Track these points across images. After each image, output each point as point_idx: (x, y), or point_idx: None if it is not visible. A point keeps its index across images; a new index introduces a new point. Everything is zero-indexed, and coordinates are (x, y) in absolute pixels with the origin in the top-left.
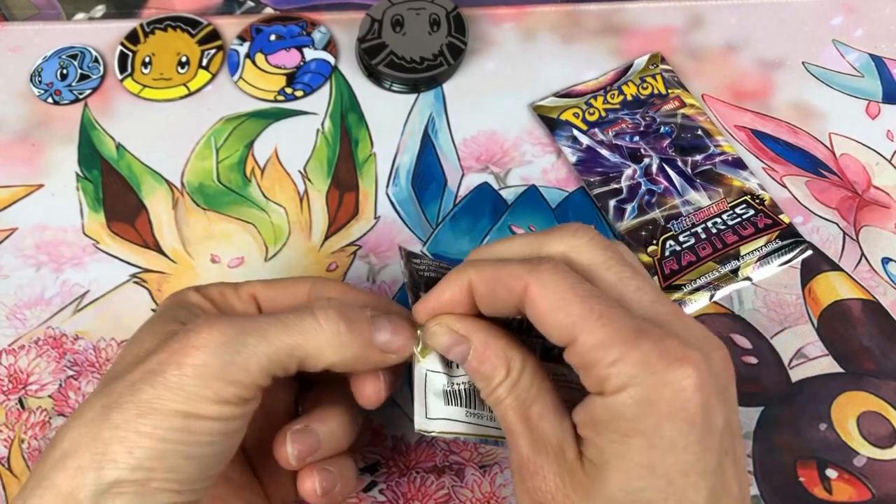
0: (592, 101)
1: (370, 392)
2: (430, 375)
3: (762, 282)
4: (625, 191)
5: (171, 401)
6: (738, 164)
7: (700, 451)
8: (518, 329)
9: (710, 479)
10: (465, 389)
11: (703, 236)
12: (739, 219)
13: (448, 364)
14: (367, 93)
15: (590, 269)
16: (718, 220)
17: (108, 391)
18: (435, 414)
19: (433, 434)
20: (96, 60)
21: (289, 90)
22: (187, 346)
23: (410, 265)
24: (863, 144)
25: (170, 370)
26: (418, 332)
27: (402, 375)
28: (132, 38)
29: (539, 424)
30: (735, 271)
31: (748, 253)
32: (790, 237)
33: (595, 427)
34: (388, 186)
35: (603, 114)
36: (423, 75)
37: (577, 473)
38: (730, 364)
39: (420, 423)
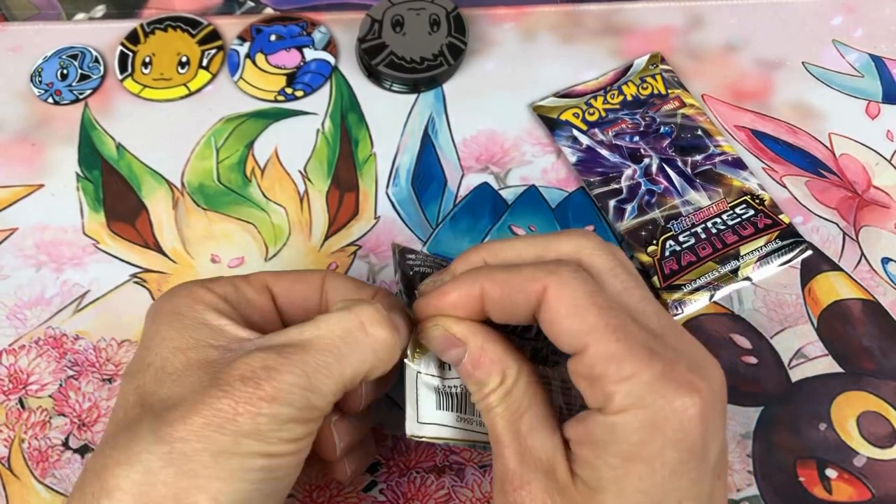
0: (592, 101)
1: (352, 403)
2: (421, 377)
3: (762, 282)
4: (625, 191)
5: (248, 445)
6: (738, 164)
7: (696, 477)
8: (512, 331)
9: None
10: (457, 393)
11: (703, 236)
12: (739, 219)
13: (441, 366)
14: (367, 93)
15: (598, 273)
16: (718, 220)
17: (163, 437)
18: (426, 419)
19: (424, 439)
20: (96, 60)
21: (289, 90)
22: (254, 396)
23: (405, 263)
24: (863, 144)
25: (242, 419)
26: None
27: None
28: (132, 38)
29: (528, 436)
30: (735, 271)
31: (748, 253)
32: (790, 237)
33: (593, 447)
34: (388, 186)
35: (603, 114)
36: (423, 75)
37: (570, 492)
38: (725, 383)
39: (411, 427)
